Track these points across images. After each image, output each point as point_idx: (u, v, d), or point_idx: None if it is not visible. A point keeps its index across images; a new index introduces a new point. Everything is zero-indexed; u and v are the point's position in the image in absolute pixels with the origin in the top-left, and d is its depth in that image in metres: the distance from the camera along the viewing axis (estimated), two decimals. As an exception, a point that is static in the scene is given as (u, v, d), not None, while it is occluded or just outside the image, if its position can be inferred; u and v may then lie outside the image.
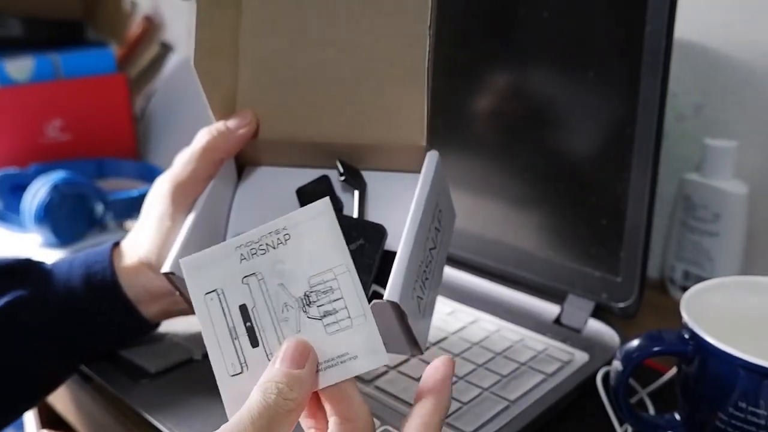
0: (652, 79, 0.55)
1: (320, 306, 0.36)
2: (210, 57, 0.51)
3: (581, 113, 0.62)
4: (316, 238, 0.36)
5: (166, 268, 0.47)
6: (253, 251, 0.37)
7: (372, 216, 0.50)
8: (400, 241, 0.44)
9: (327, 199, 0.37)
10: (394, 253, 0.44)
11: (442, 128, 0.70)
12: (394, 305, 0.41)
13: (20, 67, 0.98)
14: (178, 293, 0.51)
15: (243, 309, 0.37)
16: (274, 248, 0.37)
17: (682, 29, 0.68)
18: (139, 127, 1.13)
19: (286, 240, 0.37)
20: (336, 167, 0.50)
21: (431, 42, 0.46)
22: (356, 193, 0.50)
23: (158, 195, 0.53)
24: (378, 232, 0.47)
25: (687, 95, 0.74)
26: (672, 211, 0.76)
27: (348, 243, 0.41)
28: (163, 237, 0.51)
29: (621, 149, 0.58)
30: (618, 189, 0.59)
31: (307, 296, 0.37)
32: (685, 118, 0.75)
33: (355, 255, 0.43)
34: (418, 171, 0.47)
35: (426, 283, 0.46)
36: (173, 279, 0.48)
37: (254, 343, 0.37)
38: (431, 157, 0.47)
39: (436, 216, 0.48)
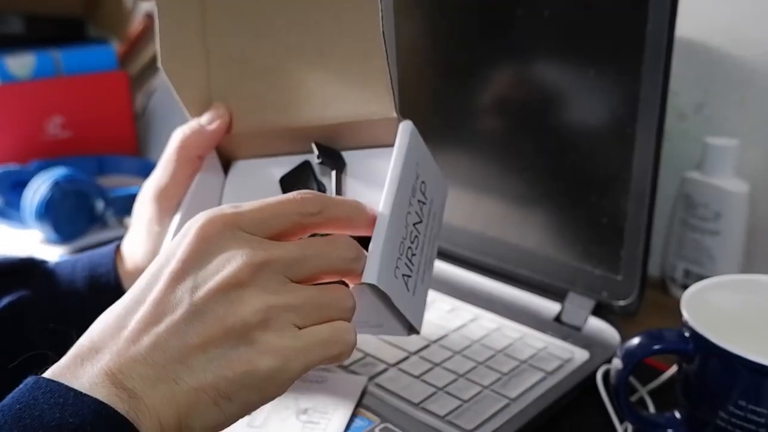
0: (653, 78, 0.55)
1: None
2: (177, 57, 0.51)
3: (582, 112, 0.62)
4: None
5: None
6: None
7: (353, 196, 0.48)
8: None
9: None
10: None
11: (442, 127, 0.70)
12: (373, 287, 0.39)
13: (21, 64, 0.98)
14: None
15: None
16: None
17: (683, 28, 0.68)
18: (139, 124, 1.13)
19: None
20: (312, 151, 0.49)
21: (382, 8, 0.46)
22: (333, 173, 0.48)
23: (144, 200, 0.53)
24: None
25: (688, 94, 0.74)
26: (673, 209, 0.76)
27: None
28: (153, 242, 0.52)
29: (622, 148, 0.58)
30: (619, 187, 0.59)
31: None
32: (686, 116, 0.75)
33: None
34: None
35: (413, 259, 0.44)
36: None
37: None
38: (404, 127, 0.46)
39: (418, 188, 0.46)
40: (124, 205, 0.85)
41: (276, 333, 0.33)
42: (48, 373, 0.33)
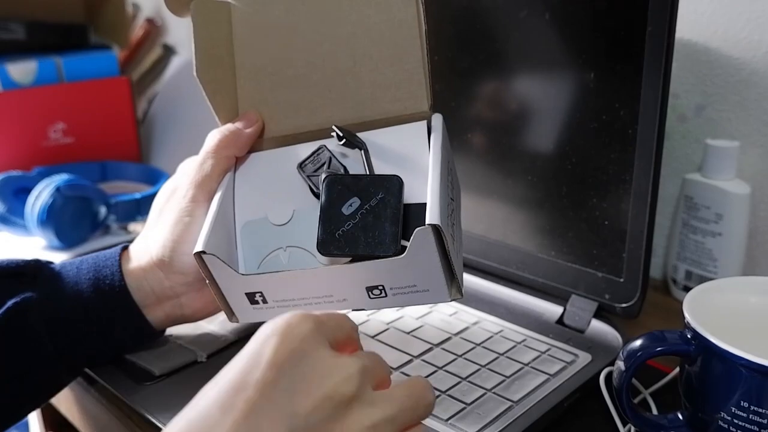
0: (653, 80, 0.55)
1: None
2: (210, 69, 0.54)
3: (583, 115, 0.62)
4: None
5: (199, 247, 0.47)
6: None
7: (380, 171, 0.52)
8: (428, 175, 0.46)
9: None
10: (413, 206, 0.47)
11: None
12: (435, 230, 0.42)
13: (23, 71, 0.98)
14: (207, 281, 0.50)
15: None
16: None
17: (683, 30, 0.69)
18: (141, 130, 1.13)
19: None
20: (332, 135, 0.51)
21: (424, 10, 0.49)
22: (361, 152, 0.51)
23: (176, 196, 0.54)
24: (395, 182, 0.48)
25: (688, 96, 0.75)
26: (674, 211, 0.76)
27: (368, 199, 0.45)
28: (181, 233, 0.52)
29: (623, 150, 0.59)
30: (620, 190, 0.59)
31: None
32: (686, 118, 0.75)
33: (379, 208, 0.46)
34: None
35: (453, 228, 0.48)
36: (205, 260, 0.48)
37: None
38: (438, 118, 0.51)
39: (449, 172, 0.50)
40: (127, 211, 0.85)
41: None
42: None
